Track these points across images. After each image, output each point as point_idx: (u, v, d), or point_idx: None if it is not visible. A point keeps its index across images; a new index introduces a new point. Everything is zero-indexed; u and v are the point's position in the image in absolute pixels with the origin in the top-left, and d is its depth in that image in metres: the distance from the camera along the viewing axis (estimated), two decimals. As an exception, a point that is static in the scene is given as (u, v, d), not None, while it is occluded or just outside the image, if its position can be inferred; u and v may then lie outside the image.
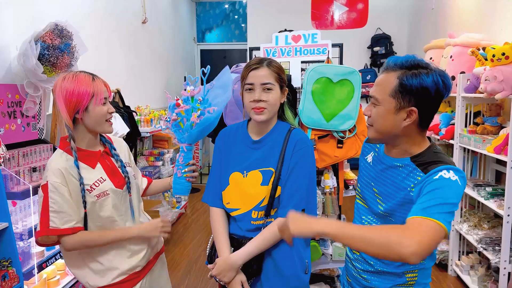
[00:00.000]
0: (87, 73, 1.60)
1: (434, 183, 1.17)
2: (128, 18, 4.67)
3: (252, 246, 1.57)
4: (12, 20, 2.66)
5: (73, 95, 1.53)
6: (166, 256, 3.94)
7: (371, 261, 1.41)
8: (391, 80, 1.25)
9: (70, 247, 1.57)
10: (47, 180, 1.52)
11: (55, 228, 1.52)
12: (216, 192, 1.71)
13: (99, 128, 1.61)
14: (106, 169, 1.65)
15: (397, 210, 1.31)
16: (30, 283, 2.38)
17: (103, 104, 1.59)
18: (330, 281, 2.66)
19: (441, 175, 1.17)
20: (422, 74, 1.22)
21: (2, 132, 2.39)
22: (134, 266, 1.68)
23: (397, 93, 1.24)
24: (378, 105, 1.29)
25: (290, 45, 2.37)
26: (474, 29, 3.78)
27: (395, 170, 1.34)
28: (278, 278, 1.61)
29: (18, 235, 2.26)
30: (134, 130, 3.87)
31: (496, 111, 3.22)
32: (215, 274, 1.58)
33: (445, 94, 1.24)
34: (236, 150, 1.69)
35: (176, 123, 1.71)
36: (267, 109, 1.57)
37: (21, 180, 2.32)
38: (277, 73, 1.60)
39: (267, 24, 6.16)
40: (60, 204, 1.51)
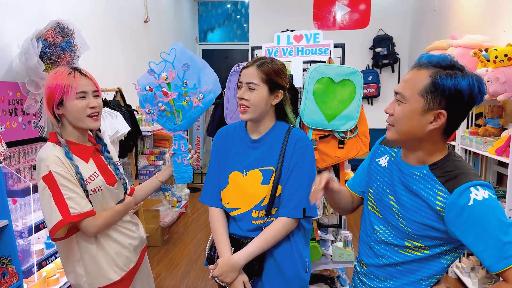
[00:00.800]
0: (68, 67, 1.57)
1: (475, 215, 1.08)
2: (129, 17, 4.67)
3: (254, 246, 1.56)
4: (14, 18, 2.66)
5: (47, 89, 1.53)
6: (166, 256, 3.96)
7: (381, 277, 1.32)
8: (423, 78, 1.15)
9: (95, 229, 1.54)
10: (49, 170, 1.47)
11: (77, 214, 1.48)
12: (214, 192, 1.70)
13: (81, 123, 1.56)
14: (98, 165, 1.64)
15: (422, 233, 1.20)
16: (30, 281, 2.38)
17: (80, 98, 1.53)
18: (330, 282, 2.65)
19: (474, 199, 1.08)
20: (458, 75, 1.12)
21: (3, 129, 2.39)
22: (130, 260, 1.68)
23: (428, 93, 1.14)
24: (404, 103, 1.18)
25: (292, 45, 2.36)
26: (476, 30, 3.77)
27: (411, 179, 1.23)
28: (280, 277, 1.61)
29: (18, 233, 2.26)
30: (135, 129, 3.86)
31: (498, 112, 3.22)
32: (217, 275, 1.57)
33: (479, 100, 1.15)
34: (235, 150, 1.69)
35: (164, 113, 1.70)
36: (250, 108, 1.58)
37: (21, 178, 2.31)
38: (266, 74, 1.58)
39: (269, 24, 6.15)
40: (73, 189, 1.49)
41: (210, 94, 1.72)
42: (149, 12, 5.13)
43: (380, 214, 1.33)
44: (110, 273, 1.61)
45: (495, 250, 1.06)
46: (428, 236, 1.20)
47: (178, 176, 1.80)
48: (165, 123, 1.73)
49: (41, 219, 2.40)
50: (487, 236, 1.07)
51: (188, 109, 1.71)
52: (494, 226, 1.07)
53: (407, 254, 1.25)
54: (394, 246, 1.27)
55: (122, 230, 1.68)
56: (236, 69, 2.17)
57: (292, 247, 1.61)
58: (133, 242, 1.71)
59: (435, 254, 1.22)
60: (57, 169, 1.48)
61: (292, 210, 1.57)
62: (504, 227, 1.07)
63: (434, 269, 1.23)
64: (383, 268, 1.30)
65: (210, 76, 1.73)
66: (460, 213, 1.10)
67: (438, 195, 1.15)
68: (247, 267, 1.58)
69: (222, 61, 7.73)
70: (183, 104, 1.69)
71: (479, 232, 1.08)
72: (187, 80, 1.70)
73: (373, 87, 6.22)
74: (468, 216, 1.09)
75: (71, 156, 1.53)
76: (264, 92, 1.58)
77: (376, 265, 1.32)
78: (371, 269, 1.34)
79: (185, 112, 1.72)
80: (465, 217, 1.09)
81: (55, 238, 1.56)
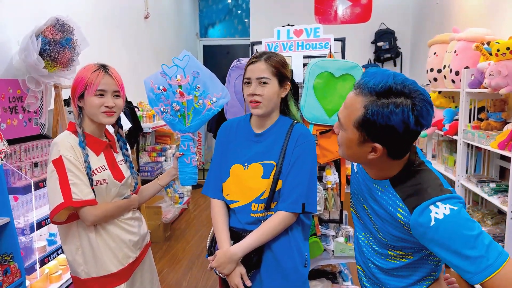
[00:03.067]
0: (96, 64, 1.64)
1: (439, 235, 1.02)
2: (130, 13, 4.66)
3: (252, 239, 1.58)
4: (14, 15, 2.66)
5: (73, 82, 1.63)
6: (168, 252, 3.97)
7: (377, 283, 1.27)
8: (358, 107, 1.05)
9: (93, 219, 1.57)
10: (60, 154, 1.54)
11: (79, 200, 1.53)
12: (216, 184, 1.72)
13: (95, 118, 1.62)
14: (108, 160, 1.69)
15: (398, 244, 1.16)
16: (32, 278, 2.39)
17: (98, 95, 1.59)
18: (332, 277, 2.65)
19: (435, 218, 1.02)
20: (390, 108, 1.00)
21: (4, 127, 2.39)
22: (128, 255, 1.70)
23: (360, 126, 1.06)
24: (343, 131, 1.13)
25: (292, 39, 2.35)
26: (479, 23, 3.74)
27: (375, 192, 1.19)
28: (277, 271, 1.62)
29: (20, 230, 2.26)
30: (136, 125, 3.86)
31: (501, 106, 3.20)
32: (215, 266, 1.59)
33: (420, 129, 1.05)
34: (238, 143, 1.70)
35: (176, 113, 1.75)
36: (262, 103, 1.59)
37: (22, 175, 2.32)
38: (275, 68, 1.60)
39: (270, 19, 6.12)
40: (78, 177, 1.54)
41: (221, 99, 1.78)
42: (149, 8, 5.11)
43: (361, 220, 1.31)
44: (108, 264, 1.64)
45: (468, 266, 1.01)
46: (405, 246, 1.16)
47: (185, 177, 1.83)
48: (176, 124, 1.79)
49: (43, 216, 2.41)
50: (456, 255, 1.01)
51: (200, 111, 1.76)
52: (460, 245, 1.01)
53: (393, 261, 1.21)
54: (379, 254, 1.24)
55: (123, 226, 1.70)
56: (236, 64, 2.16)
57: (290, 241, 1.62)
58: (133, 238, 1.73)
59: (419, 259, 1.18)
60: (68, 154, 1.55)
61: (291, 204, 1.57)
62: (471, 242, 1.00)
63: (426, 270, 1.20)
64: (375, 275, 1.27)
65: (218, 85, 1.79)
66: (424, 233, 1.05)
67: (399, 213, 1.11)
68: (245, 260, 1.60)
69: (223, 57, 7.71)
70: (195, 106, 1.75)
71: (448, 251, 1.02)
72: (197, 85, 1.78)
73: (375, 82, 6.20)
74: (432, 236, 1.04)
75: (84, 145, 1.59)
76: (275, 85, 1.60)
77: (370, 270, 1.29)
78: (367, 274, 1.31)
79: (196, 114, 1.78)
80: (429, 238, 1.04)
81: (54, 221, 1.61)
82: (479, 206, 3.44)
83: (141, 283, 1.82)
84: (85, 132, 1.64)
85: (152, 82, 1.74)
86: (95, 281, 1.64)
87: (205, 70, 1.78)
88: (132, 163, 1.81)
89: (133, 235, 1.73)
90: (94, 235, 1.63)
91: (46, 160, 2.52)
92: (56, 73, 2.64)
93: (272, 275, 1.62)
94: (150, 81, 1.75)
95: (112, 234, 1.66)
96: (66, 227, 1.64)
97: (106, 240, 1.65)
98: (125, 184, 1.74)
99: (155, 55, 5.46)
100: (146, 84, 1.76)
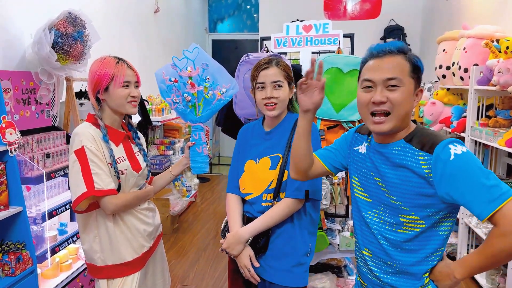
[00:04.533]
0: (114, 57, 1.70)
1: (459, 167, 1.14)
2: (140, 7, 4.69)
3: (259, 222, 1.68)
4: (27, 8, 2.70)
5: (94, 76, 1.66)
6: (176, 244, 4.02)
7: (388, 261, 1.32)
8: (403, 62, 1.24)
9: (113, 208, 1.63)
10: (82, 144, 1.59)
11: (101, 189, 1.58)
12: (233, 181, 1.85)
13: (122, 108, 1.68)
14: (126, 151, 1.75)
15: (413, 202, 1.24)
16: (43, 266, 2.45)
17: (125, 87, 1.66)
18: (337, 271, 2.68)
19: (455, 153, 1.15)
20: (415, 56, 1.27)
21: (17, 118, 2.43)
22: (143, 245, 1.76)
23: (413, 74, 1.24)
24: (401, 87, 1.23)
25: (301, 35, 2.37)
26: (488, 21, 3.72)
27: (392, 154, 1.28)
28: (281, 256, 1.71)
29: (32, 219, 2.31)
30: (145, 119, 3.91)
31: (509, 104, 3.18)
32: (225, 247, 1.70)
33: None
34: (253, 142, 1.83)
35: (187, 104, 1.81)
36: (278, 104, 1.71)
37: (35, 165, 2.36)
38: (285, 71, 1.73)
39: (279, 15, 6.12)
40: (100, 167, 1.60)
41: (231, 90, 1.85)
42: (159, 3, 5.14)
43: (369, 199, 1.37)
44: (123, 253, 1.70)
45: (482, 195, 1.11)
46: (420, 205, 1.24)
47: (197, 166, 1.91)
48: (188, 114, 1.86)
49: (54, 206, 2.46)
50: (472, 184, 1.13)
51: (210, 101, 1.83)
52: (477, 174, 1.13)
53: (405, 231, 1.27)
54: (390, 226, 1.30)
55: (139, 216, 1.76)
56: (245, 59, 2.18)
57: (295, 229, 1.71)
58: (148, 228, 1.78)
59: (430, 226, 1.25)
60: (89, 145, 1.59)
61: (295, 191, 1.66)
62: (486, 173, 1.13)
63: (435, 243, 1.27)
64: (387, 252, 1.31)
65: (226, 77, 1.85)
66: (444, 168, 1.16)
67: (421, 161, 1.21)
68: (253, 243, 1.70)
69: (232, 52, 7.73)
70: (205, 97, 1.82)
71: (465, 182, 1.13)
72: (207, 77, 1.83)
73: (383, 78, 6.18)
74: (452, 170, 1.15)
75: (108, 139, 1.65)
76: (287, 87, 1.73)
77: (381, 248, 1.33)
78: (376, 255, 1.35)
79: (206, 105, 1.84)
80: (449, 172, 1.15)
81: (76, 210, 1.66)
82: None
83: (153, 272, 1.88)
84: (106, 124, 1.69)
85: (164, 73, 1.80)
86: (110, 268, 1.70)
87: (213, 62, 1.83)
88: (146, 152, 1.87)
89: (148, 225, 1.79)
90: (112, 224, 1.69)
91: (58, 151, 2.58)
92: (68, 66, 2.68)
93: (276, 259, 1.71)
94: (162, 72, 1.81)
95: (129, 224, 1.72)
96: (85, 216, 1.69)
97: (123, 230, 1.70)
98: (142, 175, 1.80)
99: (164, 49, 5.50)
100: (158, 75, 1.81)
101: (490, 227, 3.04)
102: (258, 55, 2.16)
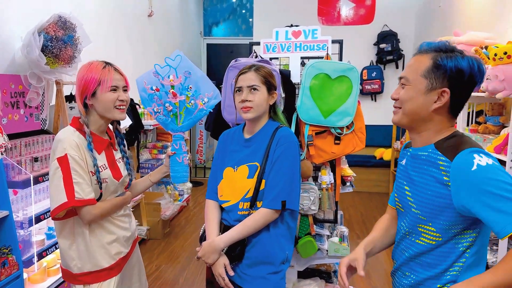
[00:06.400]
0: (101, 61, 1.68)
1: (480, 179, 1.07)
2: (134, 11, 4.69)
3: (234, 232, 1.68)
4: (18, 11, 2.69)
5: (81, 82, 1.64)
6: (167, 249, 4.00)
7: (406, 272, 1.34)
8: (424, 61, 1.24)
9: (91, 218, 1.62)
10: (65, 152, 1.57)
11: (81, 199, 1.57)
12: (213, 187, 1.84)
13: (109, 114, 1.66)
14: (108, 159, 1.73)
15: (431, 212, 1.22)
16: (30, 271, 2.43)
17: (112, 91, 1.64)
18: (326, 277, 2.68)
19: (478, 164, 1.08)
20: (457, 56, 1.21)
21: (5, 122, 2.42)
22: (120, 251, 1.75)
23: (430, 73, 1.22)
24: (408, 85, 1.26)
25: (290, 40, 2.37)
26: (481, 27, 3.75)
27: (418, 160, 1.28)
28: (257, 264, 1.71)
29: (19, 224, 2.30)
30: (137, 123, 3.90)
31: (499, 110, 3.20)
32: (201, 255, 1.72)
33: (479, 80, 1.22)
34: (232, 148, 1.83)
35: (168, 113, 1.80)
36: (254, 108, 1.71)
37: (22, 169, 2.35)
38: (264, 77, 1.74)
39: (274, 19, 6.14)
40: (81, 176, 1.58)
41: (212, 100, 1.85)
42: (153, 7, 5.15)
43: (402, 209, 1.38)
44: (100, 260, 1.69)
45: (505, 207, 1.03)
46: (437, 216, 1.21)
47: (176, 175, 1.89)
48: (169, 124, 1.85)
49: (42, 211, 2.44)
50: (494, 198, 1.05)
51: (192, 111, 1.82)
52: (499, 188, 1.05)
53: (422, 243, 1.27)
54: (409, 236, 1.31)
55: (117, 222, 1.75)
56: (233, 64, 2.19)
57: (271, 238, 1.71)
58: (126, 234, 1.78)
59: (448, 239, 1.21)
60: (73, 153, 1.57)
61: (271, 201, 1.66)
62: (510, 188, 1.05)
63: (452, 258, 1.22)
64: (406, 262, 1.33)
65: (209, 85, 1.85)
66: (463, 178, 1.10)
67: (440, 166, 1.19)
68: (229, 251, 1.70)
69: (227, 56, 7.74)
70: (187, 106, 1.81)
71: (485, 197, 1.06)
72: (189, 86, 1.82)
73: (376, 83, 6.21)
74: (472, 181, 1.08)
75: (92, 148, 1.63)
76: (264, 92, 1.74)
77: (401, 260, 1.36)
78: (398, 265, 1.38)
79: (187, 114, 1.83)
80: (469, 183, 1.09)
81: (55, 218, 1.65)
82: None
83: (130, 276, 1.88)
84: (91, 131, 1.67)
85: (146, 82, 1.78)
86: (87, 275, 1.69)
87: (196, 70, 1.83)
88: (129, 160, 1.85)
89: (125, 230, 1.78)
90: (89, 231, 1.68)
91: (46, 155, 2.56)
92: (57, 70, 2.68)
93: (252, 267, 1.71)
94: (144, 81, 1.79)
95: (106, 230, 1.71)
96: (62, 222, 1.69)
97: (100, 237, 1.69)
98: (122, 183, 1.79)
99: (159, 53, 5.50)
100: (139, 83, 1.80)
101: None
102: (247, 61, 2.17)
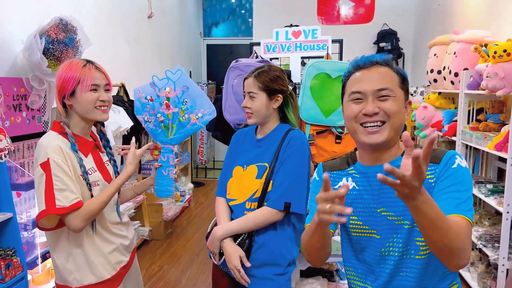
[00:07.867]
0: (82, 59, 1.57)
1: (455, 172, 1.14)
2: (133, 12, 4.71)
3: (234, 224, 1.72)
4: (18, 14, 2.71)
5: (59, 80, 1.54)
6: (168, 249, 4.02)
7: None
8: (391, 73, 1.19)
9: (78, 224, 1.48)
10: (47, 157, 1.46)
11: (62, 207, 1.44)
12: (222, 185, 1.88)
13: (90, 115, 1.56)
14: (96, 161, 1.64)
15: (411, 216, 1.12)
16: (34, 272, 2.44)
17: (93, 90, 1.54)
18: (329, 275, 2.69)
19: (458, 164, 1.14)
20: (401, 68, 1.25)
21: (8, 124, 2.44)
22: (120, 260, 1.67)
23: (402, 85, 1.19)
24: (394, 97, 1.16)
25: (290, 40, 2.39)
26: (480, 25, 3.76)
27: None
28: (263, 265, 1.72)
29: (22, 225, 2.31)
30: (138, 124, 3.90)
31: (499, 108, 3.22)
32: (208, 245, 1.76)
33: None
34: (244, 147, 1.85)
35: (160, 125, 1.77)
36: (253, 114, 1.76)
37: (25, 171, 2.37)
38: (263, 83, 1.74)
39: (273, 19, 6.15)
40: (64, 181, 1.46)
41: (207, 116, 1.81)
42: (153, 8, 5.16)
43: (377, 235, 1.22)
44: (101, 270, 1.59)
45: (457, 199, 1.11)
46: None
47: (160, 189, 1.81)
48: (158, 134, 1.79)
49: (45, 212, 2.45)
50: (457, 188, 1.12)
51: (184, 125, 1.78)
52: (465, 185, 1.13)
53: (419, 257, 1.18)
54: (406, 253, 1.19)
55: (114, 231, 1.66)
56: (234, 65, 2.20)
57: (279, 239, 1.72)
58: (124, 242, 1.70)
59: None
60: (55, 157, 1.47)
61: (274, 201, 1.67)
62: (471, 192, 1.15)
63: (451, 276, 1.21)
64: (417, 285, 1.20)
65: (206, 102, 1.81)
66: (444, 172, 1.16)
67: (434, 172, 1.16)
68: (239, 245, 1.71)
69: (226, 56, 7.75)
70: (180, 120, 1.77)
71: (455, 185, 1.13)
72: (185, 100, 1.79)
73: (376, 82, 6.21)
74: (450, 173, 1.15)
75: (77, 148, 1.53)
76: (263, 98, 1.74)
77: None
78: None
79: (179, 127, 1.79)
80: (447, 174, 1.15)
81: (42, 228, 1.54)
82: (476, 207, 3.46)
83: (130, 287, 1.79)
84: (74, 133, 1.57)
85: (140, 91, 1.76)
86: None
87: (195, 87, 1.80)
88: (116, 163, 1.76)
89: (123, 238, 1.70)
90: (87, 241, 1.57)
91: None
92: (59, 72, 2.69)
93: (258, 268, 1.72)
94: (138, 90, 1.77)
95: (105, 240, 1.62)
96: (56, 233, 1.56)
97: (98, 246, 1.60)
98: None
99: (158, 54, 5.51)
100: (135, 92, 1.78)
101: (481, 230, 3.06)
102: (247, 61, 2.18)
